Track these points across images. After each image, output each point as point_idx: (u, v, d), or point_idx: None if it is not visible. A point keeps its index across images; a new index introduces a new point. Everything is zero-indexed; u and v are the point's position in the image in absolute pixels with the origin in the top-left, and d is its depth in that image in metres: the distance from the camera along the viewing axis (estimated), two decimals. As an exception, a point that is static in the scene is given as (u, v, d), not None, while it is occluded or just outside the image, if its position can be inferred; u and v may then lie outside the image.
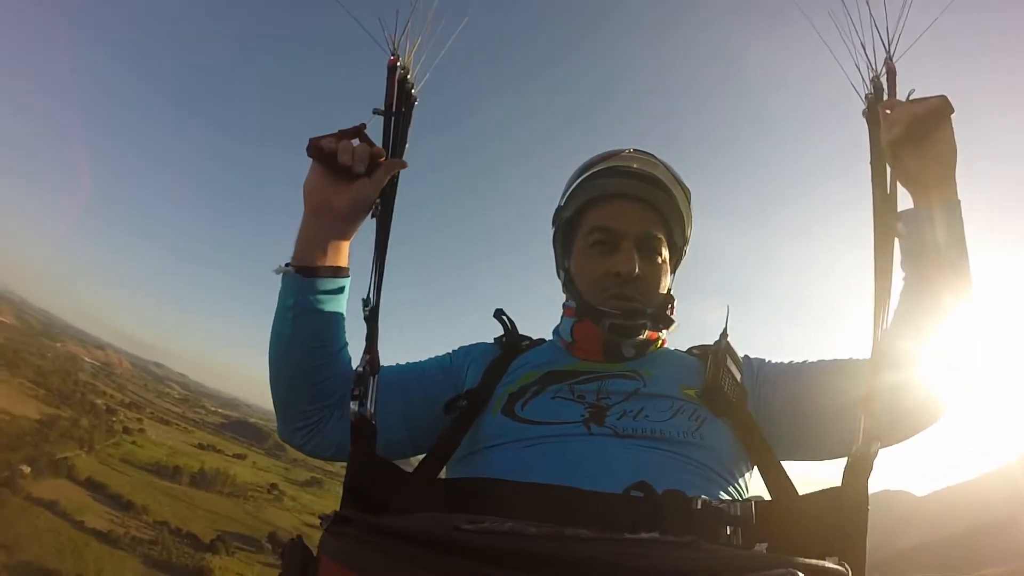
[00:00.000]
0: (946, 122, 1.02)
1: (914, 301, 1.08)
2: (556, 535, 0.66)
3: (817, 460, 1.18)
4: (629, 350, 1.22)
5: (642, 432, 1.05)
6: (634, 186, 1.25)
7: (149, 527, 74.21)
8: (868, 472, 0.88)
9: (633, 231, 1.22)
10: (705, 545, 0.67)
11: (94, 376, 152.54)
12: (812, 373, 1.19)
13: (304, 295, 1.10)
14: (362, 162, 1.08)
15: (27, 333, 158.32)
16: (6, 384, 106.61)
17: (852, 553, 0.84)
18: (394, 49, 1.11)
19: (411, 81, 1.13)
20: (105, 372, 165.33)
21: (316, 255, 1.11)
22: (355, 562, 0.71)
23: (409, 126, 1.14)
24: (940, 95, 1.01)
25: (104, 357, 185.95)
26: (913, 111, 1.00)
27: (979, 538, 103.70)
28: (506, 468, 1.01)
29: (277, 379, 1.15)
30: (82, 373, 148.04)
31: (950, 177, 1.04)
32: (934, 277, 1.05)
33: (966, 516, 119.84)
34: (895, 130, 1.00)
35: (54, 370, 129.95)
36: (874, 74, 1.06)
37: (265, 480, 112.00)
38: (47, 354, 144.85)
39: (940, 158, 1.03)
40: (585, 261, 1.26)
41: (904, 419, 1.09)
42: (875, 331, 0.94)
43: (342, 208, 1.09)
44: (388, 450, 1.08)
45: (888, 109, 1.04)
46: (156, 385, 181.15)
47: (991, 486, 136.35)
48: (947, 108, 1.01)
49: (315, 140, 1.08)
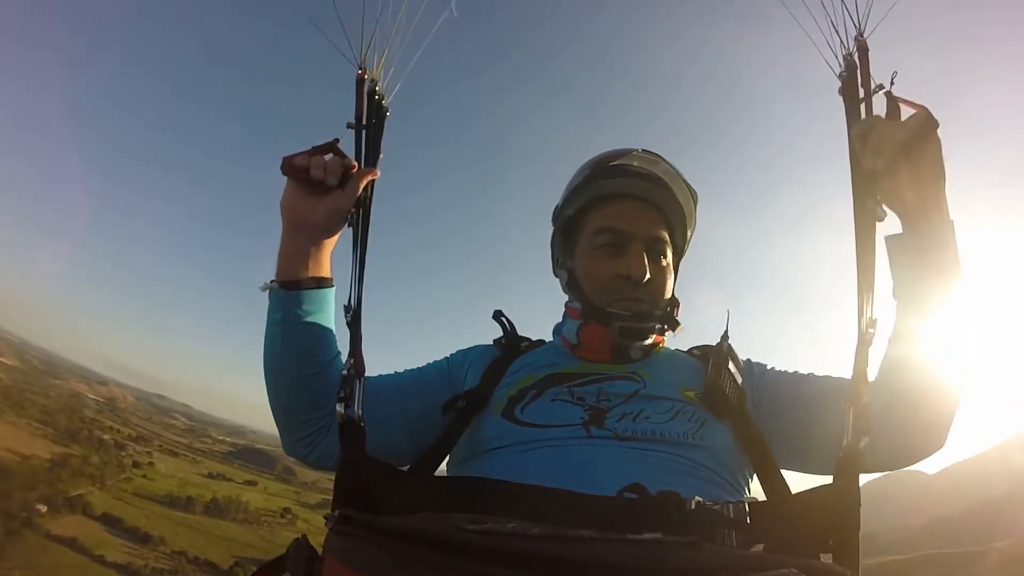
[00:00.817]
0: (932, 140, 0.98)
1: (905, 344, 1.05)
2: (559, 536, 0.67)
3: (812, 473, 1.16)
4: (637, 352, 1.22)
5: (642, 434, 1.05)
6: (639, 186, 1.25)
7: (167, 558, 74.74)
8: (858, 468, 0.88)
9: (641, 233, 1.23)
10: (708, 545, 0.66)
11: (99, 412, 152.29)
12: (815, 386, 1.18)
13: (290, 308, 1.12)
14: (334, 175, 1.09)
15: (30, 373, 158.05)
16: (14, 425, 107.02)
17: (845, 550, 0.84)
18: (362, 63, 1.12)
19: (380, 92, 1.14)
20: (110, 407, 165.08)
21: (298, 269, 1.13)
22: (359, 562, 0.72)
23: (381, 137, 1.16)
24: (921, 110, 0.97)
25: (107, 392, 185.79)
26: (896, 139, 0.95)
27: (988, 512, 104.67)
28: (505, 471, 1.00)
29: (274, 393, 1.17)
30: (87, 410, 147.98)
31: (939, 197, 0.99)
32: (929, 309, 1.02)
33: (976, 491, 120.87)
34: (879, 162, 0.96)
35: (60, 408, 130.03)
36: (847, 51, 1.05)
37: (277, 505, 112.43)
38: (51, 393, 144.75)
39: (928, 179, 0.98)
40: (592, 262, 1.25)
41: (907, 445, 1.08)
42: (859, 323, 0.92)
43: (318, 221, 1.11)
44: (390, 455, 1.09)
45: (865, 134, 0.99)
46: (161, 417, 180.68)
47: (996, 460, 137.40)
48: (931, 125, 0.96)
49: (288, 158, 1.10)
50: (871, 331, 0.92)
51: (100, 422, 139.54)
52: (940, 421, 1.06)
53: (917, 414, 1.05)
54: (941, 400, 1.05)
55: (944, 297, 1.00)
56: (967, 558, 78.39)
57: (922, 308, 1.02)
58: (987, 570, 72.37)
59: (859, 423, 0.88)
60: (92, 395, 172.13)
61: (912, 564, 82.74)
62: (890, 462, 1.09)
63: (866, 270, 0.93)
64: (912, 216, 1.00)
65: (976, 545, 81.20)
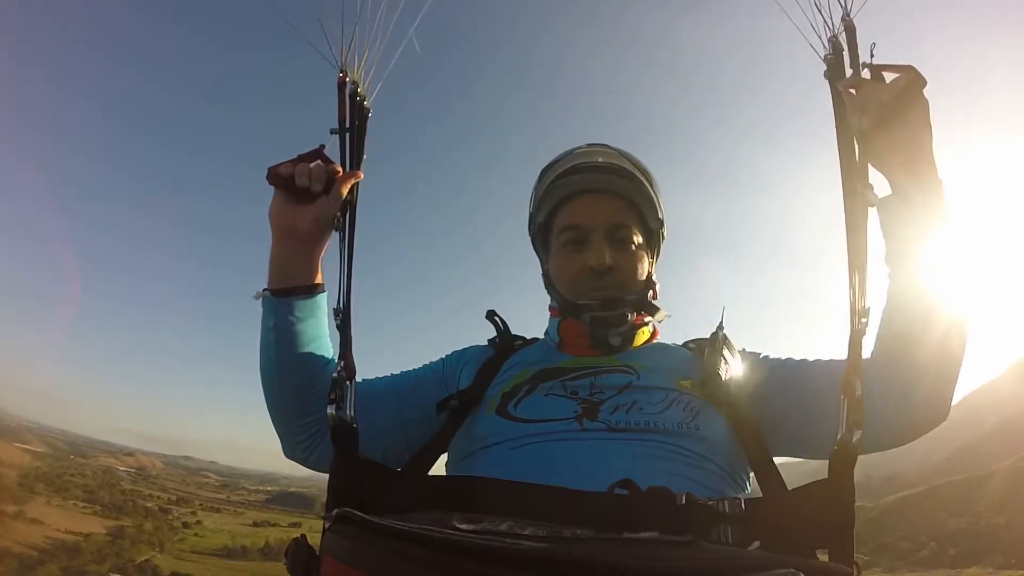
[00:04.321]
0: (919, 99, 0.96)
1: (901, 313, 1.03)
2: (554, 535, 0.67)
3: (809, 458, 1.15)
4: (616, 339, 1.21)
5: (635, 425, 1.04)
6: (597, 179, 1.25)
7: (240, 603, 79.69)
8: (852, 462, 0.86)
9: (601, 224, 1.22)
10: (705, 544, 0.66)
11: (135, 482, 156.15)
12: (811, 371, 1.16)
13: (283, 315, 1.13)
14: (319, 181, 1.10)
15: (59, 456, 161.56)
16: (63, 508, 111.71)
17: (841, 545, 0.84)
18: (343, 66, 1.13)
19: (362, 94, 1.14)
20: (142, 476, 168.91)
21: (289, 276, 1.14)
22: (356, 561, 0.72)
23: (364, 139, 1.16)
24: (908, 68, 0.95)
25: (136, 463, 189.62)
26: (881, 97, 0.94)
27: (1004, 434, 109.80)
28: (498, 468, 1.01)
29: (271, 400, 1.18)
30: (124, 482, 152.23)
31: (928, 157, 0.97)
32: (920, 279, 1.00)
33: (991, 415, 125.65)
34: (865, 119, 0.94)
35: (99, 485, 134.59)
36: (832, 33, 1.01)
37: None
38: (85, 472, 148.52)
39: (915, 139, 0.96)
40: (560, 261, 1.27)
41: (909, 419, 1.06)
42: (852, 315, 0.90)
43: (306, 228, 1.12)
44: (387, 457, 1.13)
45: (852, 88, 0.97)
46: (193, 477, 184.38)
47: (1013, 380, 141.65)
48: (919, 83, 0.95)
49: (273, 168, 1.11)
50: (864, 321, 0.90)
51: (139, 491, 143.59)
52: (940, 393, 1.04)
53: (916, 388, 1.03)
54: (940, 373, 1.02)
55: (937, 260, 0.98)
56: (975, 482, 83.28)
57: (914, 274, 1.01)
58: (992, 491, 77.49)
59: (853, 416, 0.87)
60: (123, 467, 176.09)
61: (924, 496, 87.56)
62: (891, 440, 1.07)
63: (858, 258, 0.90)
64: (900, 177, 0.98)
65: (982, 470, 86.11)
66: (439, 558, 0.64)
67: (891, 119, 0.95)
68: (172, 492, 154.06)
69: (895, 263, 1.03)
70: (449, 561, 0.63)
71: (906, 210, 0.98)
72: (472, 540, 0.64)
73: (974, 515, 71.96)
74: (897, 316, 1.03)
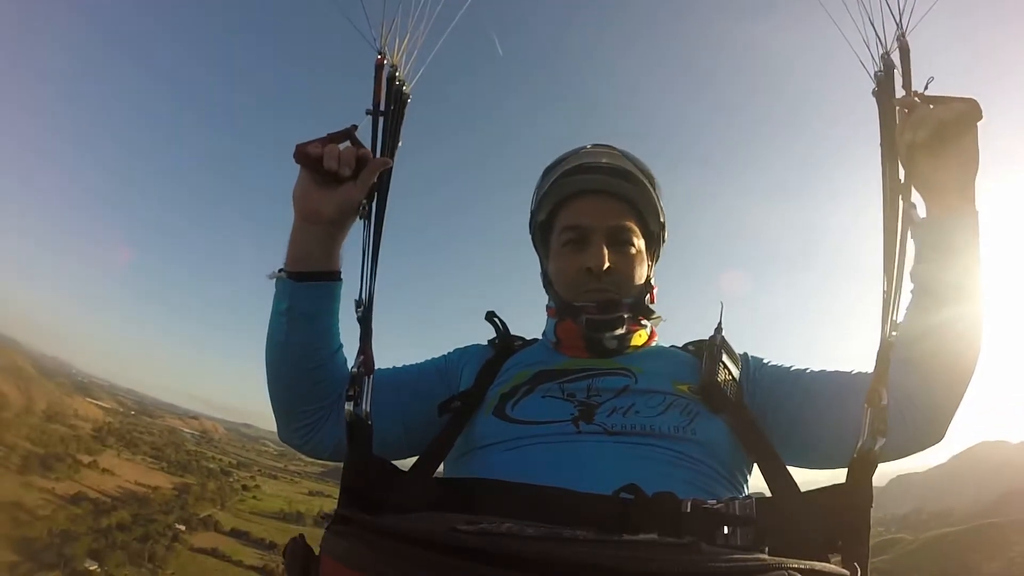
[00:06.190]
0: (973, 129, 0.97)
1: (921, 331, 1.04)
2: (554, 537, 0.67)
3: (805, 467, 1.15)
4: (611, 342, 1.21)
5: (632, 429, 1.04)
6: (599, 180, 1.24)
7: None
8: (873, 468, 0.87)
9: (602, 225, 1.22)
10: (705, 547, 0.66)
11: (198, 444, 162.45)
12: (812, 381, 1.17)
13: (297, 299, 1.12)
14: (348, 165, 1.07)
15: (127, 414, 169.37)
16: (133, 462, 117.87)
17: (855, 550, 0.83)
18: (382, 47, 1.10)
19: (401, 79, 1.12)
20: (206, 439, 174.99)
21: (308, 260, 1.12)
22: (355, 561, 0.72)
23: (400, 125, 1.13)
24: (968, 99, 0.96)
25: (199, 426, 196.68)
26: (939, 116, 0.94)
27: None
28: (495, 469, 1.01)
29: (275, 383, 1.17)
30: (187, 443, 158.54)
31: (969, 186, 0.99)
32: (945, 297, 1.02)
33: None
34: (919, 134, 0.95)
35: (165, 444, 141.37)
36: (884, 51, 1.00)
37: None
38: (152, 430, 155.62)
39: (961, 166, 0.98)
40: (559, 261, 1.26)
41: (914, 436, 1.07)
42: (883, 326, 0.91)
43: (330, 213, 1.09)
44: (385, 451, 1.09)
45: (907, 107, 0.98)
46: (252, 445, 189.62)
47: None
48: (976, 114, 0.95)
49: (301, 146, 1.07)
50: (895, 334, 0.91)
51: (203, 453, 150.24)
52: (942, 415, 1.06)
53: (920, 410, 1.05)
54: (943, 396, 1.05)
55: (960, 286, 1.01)
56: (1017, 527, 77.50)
57: (937, 297, 1.03)
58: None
59: (876, 424, 0.87)
60: (187, 429, 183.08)
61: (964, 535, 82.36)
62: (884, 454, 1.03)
63: (895, 273, 0.91)
64: (938, 199, 1.00)
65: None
66: (439, 559, 0.64)
67: (945, 139, 0.95)
68: (233, 456, 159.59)
69: (919, 281, 1.06)
70: (449, 562, 0.63)
71: (940, 237, 1.00)
72: (470, 541, 0.64)
73: (1008, 560, 67.60)
74: (910, 341, 1.02)
